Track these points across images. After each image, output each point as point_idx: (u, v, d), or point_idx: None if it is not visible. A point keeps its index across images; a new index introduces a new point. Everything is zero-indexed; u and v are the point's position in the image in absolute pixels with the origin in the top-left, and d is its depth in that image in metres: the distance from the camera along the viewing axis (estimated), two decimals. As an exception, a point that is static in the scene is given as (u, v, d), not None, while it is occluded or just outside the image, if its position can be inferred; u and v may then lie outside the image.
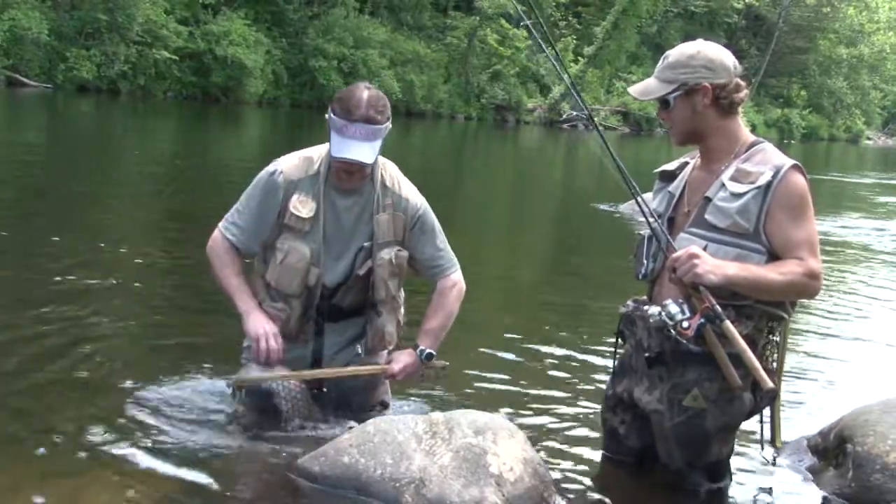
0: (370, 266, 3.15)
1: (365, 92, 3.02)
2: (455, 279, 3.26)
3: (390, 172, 3.20)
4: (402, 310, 3.33)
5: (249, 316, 3.09)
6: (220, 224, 3.19)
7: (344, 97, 3.03)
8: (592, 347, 4.68)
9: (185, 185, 10.63)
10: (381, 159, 3.19)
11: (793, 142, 44.40)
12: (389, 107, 3.10)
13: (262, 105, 27.81)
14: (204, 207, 8.87)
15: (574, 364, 4.41)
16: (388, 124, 3.05)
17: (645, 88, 2.88)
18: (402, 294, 3.32)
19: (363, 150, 2.97)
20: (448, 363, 3.32)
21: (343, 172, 3.06)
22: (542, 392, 3.93)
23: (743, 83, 2.84)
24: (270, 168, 3.14)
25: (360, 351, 3.29)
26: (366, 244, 3.15)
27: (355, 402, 3.27)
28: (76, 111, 20.28)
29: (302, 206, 3.08)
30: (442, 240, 3.25)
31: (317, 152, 3.17)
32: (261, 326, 3.07)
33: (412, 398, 3.59)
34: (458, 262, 3.28)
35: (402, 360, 3.19)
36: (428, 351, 3.19)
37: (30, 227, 6.70)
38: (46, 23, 22.59)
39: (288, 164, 3.14)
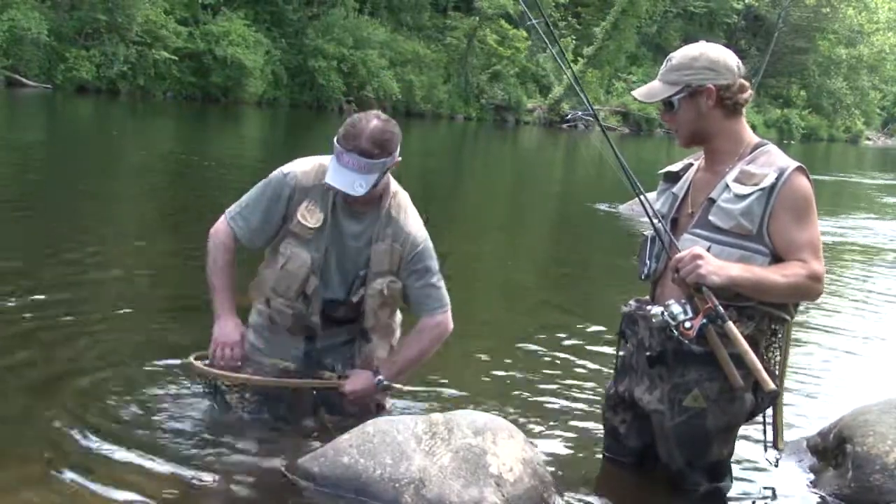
0: (362, 294, 3.14)
1: (373, 122, 2.98)
2: (439, 320, 3.19)
3: (398, 202, 3.17)
4: (398, 333, 3.32)
5: (220, 318, 3.10)
6: (227, 212, 3.18)
7: (349, 124, 3.00)
8: (592, 347, 4.68)
9: (183, 184, 10.63)
10: (395, 186, 3.17)
11: (792, 142, 44.39)
12: (396, 140, 3.03)
13: (261, 105, 27.81)
14: (203, 206, 8.87)
15: (574, 364, 4.41)
16: (389, 159, 2.99)
17: (649, 91, 2.88)
18: (399, 317, 3.32)
19: (351, 181, 2.94)
20: (403, 387, 3.29)
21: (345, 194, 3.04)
22: (542, 392, 3.93)
23: (747, 84, 2.84)
24: (285, 170, 3.13)
25: (339, 370, 3.26)
26: (361, 272, 3.14)
27: (349, 404, 3.24)
28: (75, 111, 20.28)
29: (309, 216, 3.08)
30: (436, 279, 3.19)
31: None
32: (226, 333, 3.06)
33: (411, 398, 3.58)
34: (449, 303, 3.21)
35: (357, 381, 3.15)
36: (386, 382, 3.16)
37: (29, 225, 6.70)
38: (46, 23, 22.57)
39: (302, 169, 3.13)
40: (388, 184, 3.13)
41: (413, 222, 3.17)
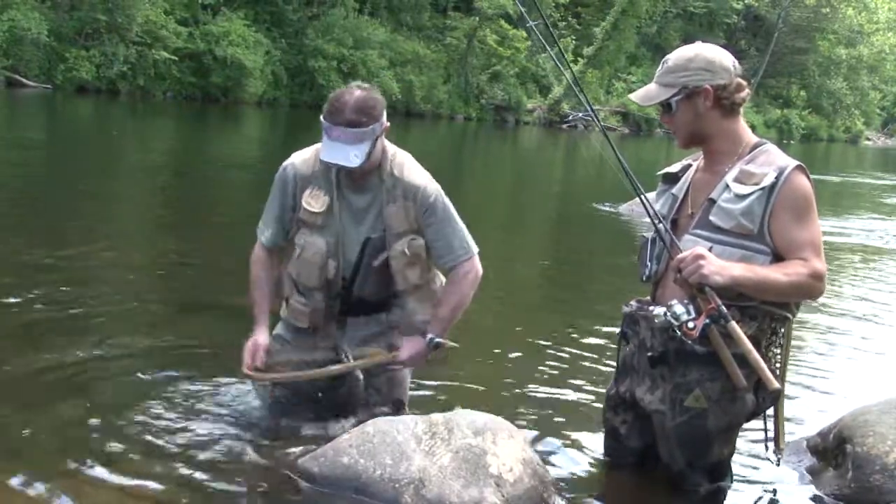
0: (385, 258, 3.13)
1: (355, 92, 3.00)
2: (469, 267, 3.16)
3: (400, 161, 3.15)
4: (438, 293, 3.27)
5: (252, 333, 3.15)
6: (257, 232, 3.26)
7: (332, 99, 3.03)
8: (593, 347, 4.68)
9: (184, 183, 10.63)
10: (392, 148, 3.17)
11: (792, 142, 44.40)
12: (381, 106, 3.04)
13: (261, 105, 27.83)
14: (203, 204, 8.88)
15: (574, 363, 4.41)
16: (377, 125, 3.00)
17: (646, 94, 2.89)
18: (441, 279, 3.28)
19: (346, 154, 2.95)
20: (457, 344, 3.23)
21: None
22: (542, 392, 3.93)
23: (744, 83, 2.84)
24: (285, 163, 3.19)
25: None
26: (373, 235, 3.13)
27: (371, 399, 3.25)
28: (75, 111, 20.28)
29: (314, 201, 3.10)
30: (457, 227, 3.16)
31: None
32: (251, 344, 3.11)
33: (411, 398, 3.58)
34: (475, 247, 3.19)
35: (410, 347, 3.15)
36: (436, 340, 3.15)
37: (29, 224, 6.70)
38: (46, 23, 22.58)
39: (300, 159, 3.17)
40: (384, 148, 3.12)
41: (419, 176, 3.15)
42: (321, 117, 3.01)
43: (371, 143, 3.00)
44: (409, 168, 3.15)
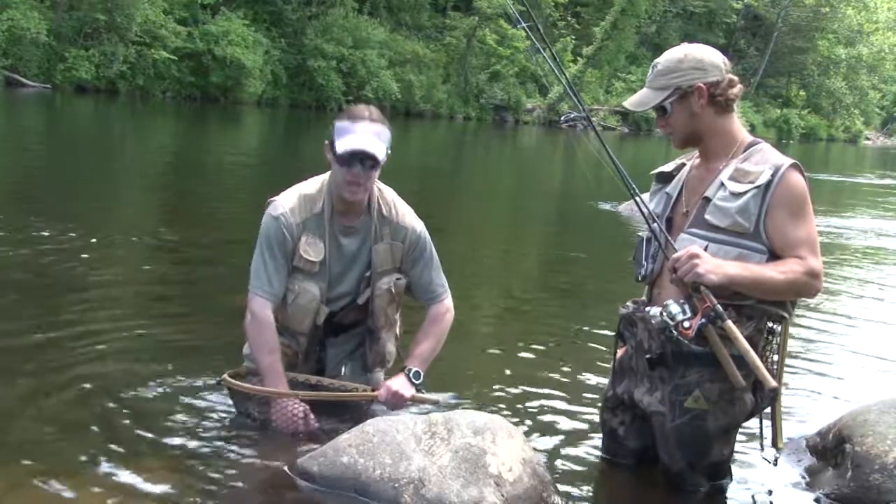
0: (369, 295, 3.22)
1: (366, 108, 3.15)
2: (448, 305, 3.33)
3: (387, 199, 3.24)
4: (399, 323, 3.41)
5: (276, 405, 3.07)
6: (251, 289, 3.14)
7: (348, 111, 3.16)
8: (592, 347, 4.67)
9: (183, 183, 10.63)
10: (378, 185, 3.22)
11: (791, 142, 44.40)
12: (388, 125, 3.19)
13: (260, 105, 27.84)
14: (203, 203, 8.88)
15: (573, 364, 4.40)
16: (390, 136, 3.13)
17: (640, 99, 2.89)
18: (399, 310, 3.39)
19: (374, 143, 3.02)
20: (440, 400, 3.31)
21: (350, 185, 3.05)
22: (542, 392, 3.93)
23: (736, 79, 2.85)
24: (274, 213, 3.13)
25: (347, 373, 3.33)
26: (366, 274, 3.22)
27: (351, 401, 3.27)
28: (75, 111, 20.27)
29: (311, 249, 3.13)
30: (437, 265, 3.31)
31: (315, 187, 3.18)
32: (289, 419, 3.05)
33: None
34: (448, 286, 3.35)
35: (392, 385, 3.15)
36: (416, 370, 3.20)
37: (30, 227, 6.70)
38: (45, 23, 22.62)
39: (289, 207, 3.13)
40: (372, 186, 3.18)
41: (406, 215, 3.25)
42: (337, 125, 3.07)
43: (387, 148, 3.09)
44: (395, 207, 3.24)
